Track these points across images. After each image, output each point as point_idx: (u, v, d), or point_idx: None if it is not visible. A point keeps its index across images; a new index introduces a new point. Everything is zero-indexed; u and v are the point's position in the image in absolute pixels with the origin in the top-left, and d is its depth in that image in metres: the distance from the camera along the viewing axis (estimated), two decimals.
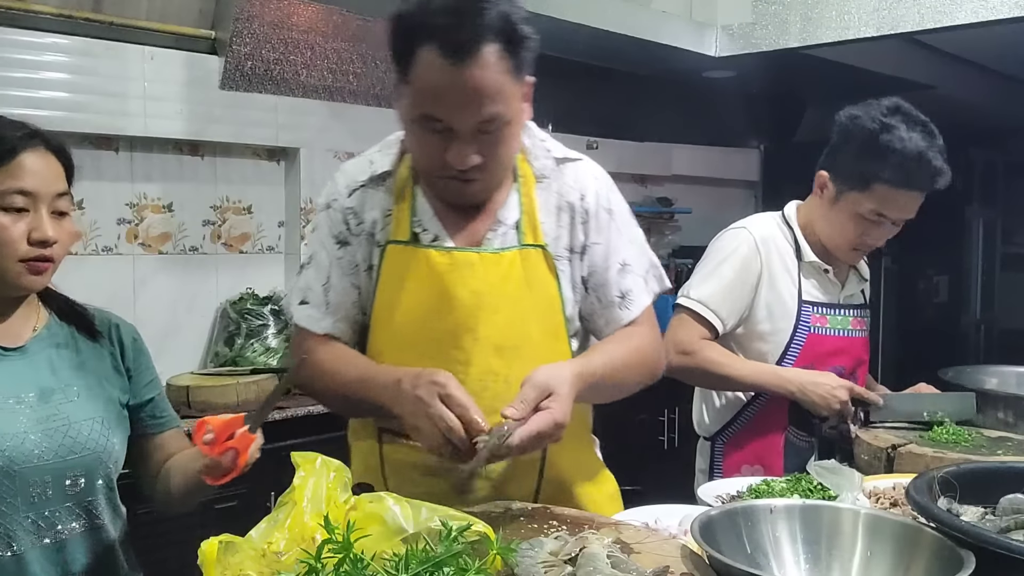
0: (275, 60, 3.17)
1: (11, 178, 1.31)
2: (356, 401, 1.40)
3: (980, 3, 3.09)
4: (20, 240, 1.32)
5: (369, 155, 1.51)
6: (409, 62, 1.28)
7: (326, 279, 1.47)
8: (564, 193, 1.46)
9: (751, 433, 2.02)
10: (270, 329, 3.28)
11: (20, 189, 1.31)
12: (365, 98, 3.50)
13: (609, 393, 1.45)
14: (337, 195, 1.49)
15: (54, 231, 1.34)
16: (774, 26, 3.62)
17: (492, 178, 1.39)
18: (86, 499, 1.39)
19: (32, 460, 1.31)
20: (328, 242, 1.48)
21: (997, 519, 1.15)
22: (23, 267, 1.34)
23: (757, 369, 1.94)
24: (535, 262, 1.42)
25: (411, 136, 1.38)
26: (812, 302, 1.99)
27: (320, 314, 1.47)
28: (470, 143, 1.30)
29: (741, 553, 1.08)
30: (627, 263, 1.48)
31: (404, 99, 1.33)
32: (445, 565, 0.91)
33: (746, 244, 1.98)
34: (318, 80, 3.32)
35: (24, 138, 1.34)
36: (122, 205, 3.09)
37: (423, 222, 1.42)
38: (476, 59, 1.23)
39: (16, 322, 1.40)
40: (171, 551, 2.45)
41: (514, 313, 1.39)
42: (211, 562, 0.92)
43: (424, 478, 1.40)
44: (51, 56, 2.82)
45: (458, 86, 1.24)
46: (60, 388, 1.38)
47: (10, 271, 1.33)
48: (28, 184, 1.32)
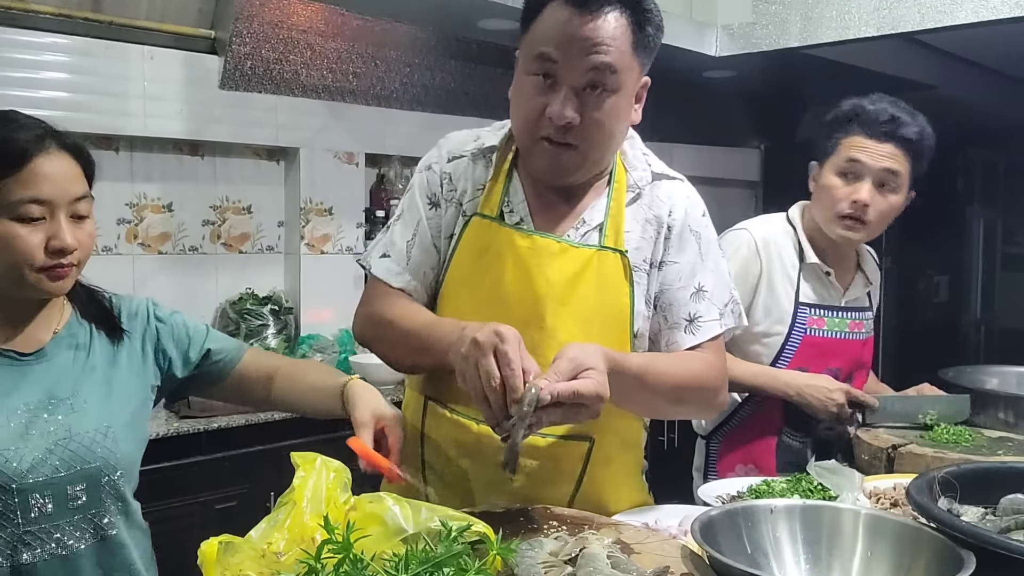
0: (275, 60, 3.17)
1: (25, 187, 1.24)
2: (418, 347, 1.37)
3: (980, 3, 3.09)
4: (37, 250, 1.25)
5: (478, 131, 1.52)
6: (535, 17, 1.32)
7: (412, 236, 1.47)
8: (653, 206, 1.44)
9: (745, 433, 2.03)
10: (270, 329, 3.28)
11: (35, 198, 1.24)
12: (365, 98, 3.50)
13: (646, 400, 1.38)
14: (438, 159, 1.49)
15: (73, 237, 1.27)
16: (774, 26, 3.62)
17: (586, 152, 1.36)
18: (90, 511, 1.33)
19: (30, 475, 1.27)
20: (421, 201, 1.48)
21: (997, 519, 1.15)
22: (42, 275, 1.28)
23: (755, 371, 1.95)
24: (612, 266, 1.40)
25: (517, 94, 1.38)
26: (809, 304, 1.99)
27: (400, 268, 1.47)
28: (572, 99, 1.30)
29: (741, 553, 1.08)
30: (704, 288, 1.44)
31: (521, 56, 1.36)
32: (445, 565, 0.91)
33: (746, 246, 1.99)
34: (318, 80, 3.32)
35: (37, 140, 1.26)
36: (122, 205, 3.09)
37: (512, 203, 1.42)
38: (600, 13, 1.28)
39: (37, 326, 1.36)
40: (171, 551, 2.45)
41: (582, 311, 1.37)
42: (211, 562, 0.92)
43: (460, 458, 1.40)
44: (51, 56, 2.82)
45: (577, 30, 1.28)
46: (68, 397, 1.34)
47: (29, 280, 1.27)
48: (44, 192, 1.25)
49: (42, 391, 1.33)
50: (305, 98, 3.33)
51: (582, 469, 1.41)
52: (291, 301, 3.43)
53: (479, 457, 1.38)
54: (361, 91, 3.46)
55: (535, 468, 1.38)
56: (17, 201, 1.24)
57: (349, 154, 3.56)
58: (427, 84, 3.65)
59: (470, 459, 1.39)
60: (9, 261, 1.26)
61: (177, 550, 1.42)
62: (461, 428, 1.40)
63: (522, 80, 1.35)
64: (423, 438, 1.46)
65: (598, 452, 1.41)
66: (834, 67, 3.89)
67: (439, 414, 1.43)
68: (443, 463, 1.43)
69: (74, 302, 1.42)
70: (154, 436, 2.49)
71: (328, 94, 3.39)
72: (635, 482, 1.53)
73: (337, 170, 3.52)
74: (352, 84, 3.42)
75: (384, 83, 3.52)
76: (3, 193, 1.24)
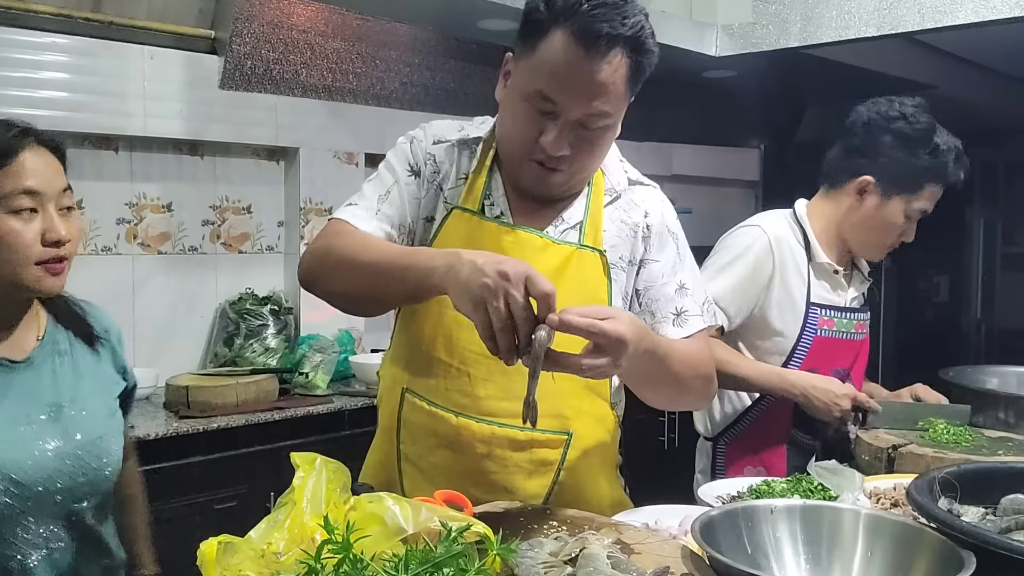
0: (275, 60, 3.17)
1: (14, 179, 1.29)
2: (384, 277, 1.28)
3: (980, 3, 3.09)
4: (35, 243, 1.30)
5: (461, 122, 1.51)
6: (540, 39, 1.29)
7: (385, 192, 1.45)
8: (630, 210, 1.48)
9: (755, 435, 2.02)
10: (269, 329, 3.27)
11: (26, 189, 1.29)
12: (365, 98, 3.50)
13: (659, 375, 1.35)
14: (423, 137, 1.48)
15: (65, 229, 1.33)
16: (774, 26, 3.62)
17: (574, 176, 1.39)
18: (91, 510, 1.39)
19: (49, 480, 1.31)
20: (399, 165, 1.46)
21: (998, 519, 1.15)
22: (41, 271, 1.31)
23: (763, 370, 1.94)
24: (591, 265, 1.42)
25: (511, 113, 1.37)
26: (820, 304, 1.98)
27: (368, 215, 1.41)
28: (568, 133, 1.31)
29: (742, 554, 1.08)
30: (686, 286, 1.48)
31: (519, 73, 1.34)
32: (445, 565, 0.91)
33: (760, 243, 1.96)
34: (318, 80, 3.32)
35: (19, 136, 1.31)
36: (121, 205, 3.09)
37: (493, 197, 1.43)
38: (605, 53, 1.26)
39: (21, 332, 1.38)
40: (171, 551, 2.45)
41: (563, 305, 1.36)
42: (211, 562, 0.92)
43: (438, 448, 1.41)
44: (51, 56, 2.82)
45: (580, 72, 1.27)
46: (67, 403, 1.38)
47: (28, 276, 1.31)
48: (33, 183, 1.30)
49: (41, 398, 1.36)
50: (305, 98, 3.33)
51: (560, 462, 1.42)
52: (291, 301, 3.43)
53: (458, 447, 1.39)
54: (361, 91, 3.46)
55: (513, 460, 1.39)
56: (10, 192, 1.28)
57: (349, 154, 3.56)
58: (427, 84, 3.64)
59: (449, 450, 1.40)
60: (8, 258, 1.29)
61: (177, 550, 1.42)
62: (439, 420, 1.41)
63: (517, 103, 1.34)
64: (399, 429, 1.47)
65: (576, 446, 1.43)
66: (834, 67, 3.89)
67: (417, 406, 1.44)
68: (420, 454, 1.44)
69: (49, 310, 1.45)
70: (154, 436, 2.49)
71: (328, 94, 3.39)
72: (611, 475, 1.56)
73: (337, 170, 3.52)
74: (352, 84, 3.42)
75: (384, 83, 3.51)
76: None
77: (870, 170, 1.96)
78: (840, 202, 2.01)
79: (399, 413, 1.47)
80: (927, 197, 1.95)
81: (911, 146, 1.91)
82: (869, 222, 1.98)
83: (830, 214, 2.02)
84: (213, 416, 2.66)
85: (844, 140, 2.02)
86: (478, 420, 1.39)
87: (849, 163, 1.99)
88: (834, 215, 2.02)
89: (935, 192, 1.96)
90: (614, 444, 1.56)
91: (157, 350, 3.18)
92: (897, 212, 1.95)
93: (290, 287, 3.49)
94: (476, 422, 1.39)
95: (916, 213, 1.96)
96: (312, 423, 2.85)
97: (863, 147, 1.98)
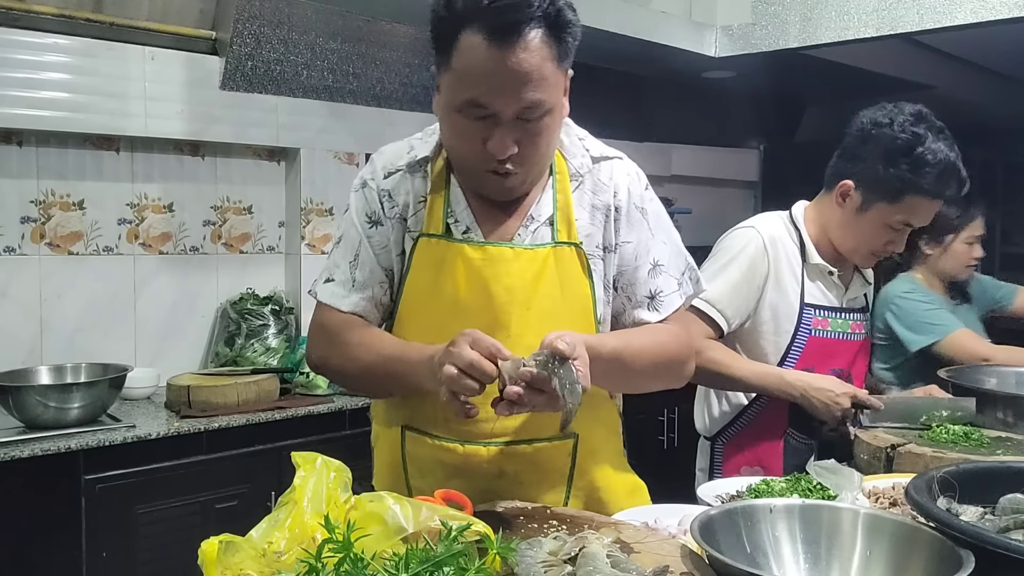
0: (275, 60, 3.18)
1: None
2: (384, 379, 1.37)
3: (980, 3, 3.10)
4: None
5: (410, 140, 1.49)
6: (451, 47, 1.26)
7: (354, 257, 1.45)
8: (598, 191, 1.44)
9: (752, 434, 2.02)
10: (270, 329, 3.28)
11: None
12: (365, 98, 3.50)
13: (622, 379, 1.42)
14: (373, 175, 1.46)
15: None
16: (774, 26, 3.62)
17: (530, 171, 1.37)
18: None
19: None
20: (360, 220, 1.45)
21: (996, 519, 1.15)
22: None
23: (761, 371, 1.94)
24: (569, 260, 1.40)
25: (449, 127, 1.35)
26: (814, 305, 1.99)
27: (345, 291, 1.44)
28: (511, 131, 1.28)
29: (741, 553, 1.08)
30: (659, 263, 1.47)
31: (445, 87, 1.31)
32: (445, 565, 0.91)
33: (755, 244, 1.96)
34: (318, 80, 3.32)
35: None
36: (123, 205, 3.09)
37: (456, 213, 1.40)
38: (521, 42, 1.22)
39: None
40: (171, 551, 2.45)
41: (547, 311, 1.37)
42: (211, 562, 0.92)
43: (448, 479, 1.39)
44: (51, 56, 2.82)
45: (502, 70, 1.23)
46: None
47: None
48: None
49: None
50: (305, 98, 3.34)
51: (571, 466, 1.43)
52: (292, 301, 3.43)
53: (469, 474, 1.38)
54: (361, 91, 3.47)
55: (526, 474, 1.39)
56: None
57: (349, 154, 3.57)
58: (427, 84, 3.64)
59: (460, 478, 1.38)
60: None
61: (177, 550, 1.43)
62: (447, 451, 1.40)
63: (453, 116, 1.32)
64: (405, 465, 1.46)
65: (584, 447, 1.43)
66: (833, 68, 3.89)
67: (420, 441, 1.43)
68: (432, 485, 1.41)
69: None
70: (155, 436, 2.50)
71: (328, 94, 3.39)
72: (622, 465, 1.56)
73: (337, 170, 3.53)
74: (352, 84, 3.42)
75: (384, 83, 3.52)
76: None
77: (852, 175, 1.95)
78: (829, 205, 2.01)
79: (402, 449, 1.45)
80: (909, 209, 1.89)
81: (890, 155, 1.86)
82: (848, 229, 1.97)
83: (820, 216, 2.03)
84: (214, 416, 2.67)
85: (840, 142, 2.02)
86: (485, 444, 1.38)
87: (837, 166, 1.99)
88: (820, 216, 2.03)
89: (922, 204, 1.89)
90: (618, 435, 1.56)
91: (158, 350, 3.18)
92: (875, 221, 1.92)
93: (291, 287, 3.49)
94: (484, 447, 1.38)
95: (899, 224, 1.92)
96: (313, 423, 2.85)
97: (849, 151, 1.97)
